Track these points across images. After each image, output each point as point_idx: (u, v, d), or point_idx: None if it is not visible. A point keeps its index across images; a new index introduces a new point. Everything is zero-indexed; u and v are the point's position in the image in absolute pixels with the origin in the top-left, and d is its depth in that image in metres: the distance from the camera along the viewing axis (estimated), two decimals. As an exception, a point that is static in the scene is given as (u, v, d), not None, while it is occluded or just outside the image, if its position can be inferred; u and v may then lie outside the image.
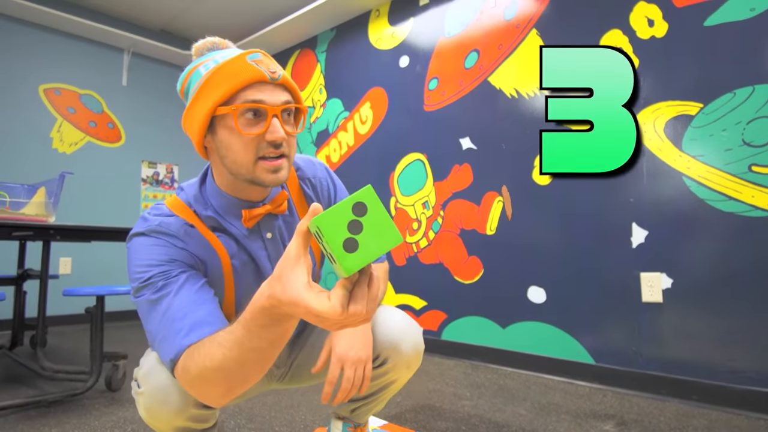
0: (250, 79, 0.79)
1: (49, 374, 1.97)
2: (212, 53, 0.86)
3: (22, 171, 3.31)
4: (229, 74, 0.79)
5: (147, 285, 0.79)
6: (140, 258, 0.82)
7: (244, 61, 0.80)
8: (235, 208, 0.89)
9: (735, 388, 1.77)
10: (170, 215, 0.86)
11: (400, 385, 1.09)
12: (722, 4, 1.89)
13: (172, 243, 0.83)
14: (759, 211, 1.77)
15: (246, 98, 0.79)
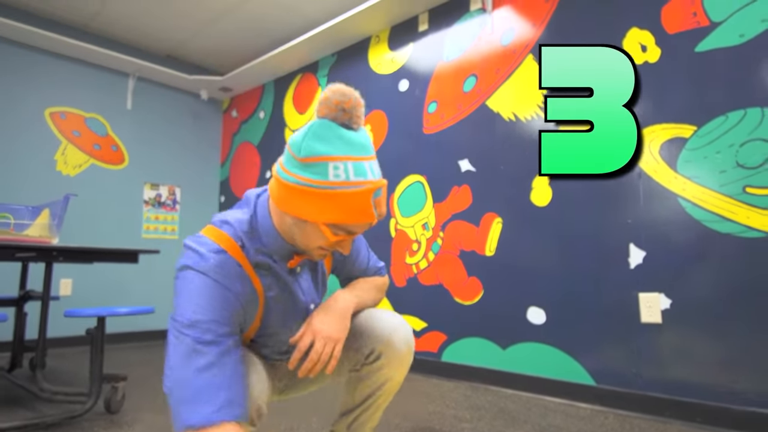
0: (364, 220, 0.86)
1: (47, 396, 1.96)
2: (348, 140, 0.84)
3: (27, 193, 3.35)
4: (352, 211, 0.84)
5: (193, 327, 0.81)
6: (194, 297, 0.83)
7: (368, 202, 0.84)
8: (287, 252, 0.96)
9: (736, 409, 1.76)
10: (220, 251, 0.88)
11: (393, 387, 1.11)
12: (713, 30, 1.95)
13: (227, 288, 0.85)
14: (754, 232, 1.79)
15: (348, 228, 0.87)
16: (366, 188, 0.83)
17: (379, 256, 2.99)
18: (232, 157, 4.41)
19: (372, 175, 0.85)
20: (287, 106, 3.93)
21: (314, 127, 0.85)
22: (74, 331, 3.40)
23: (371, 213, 0.85)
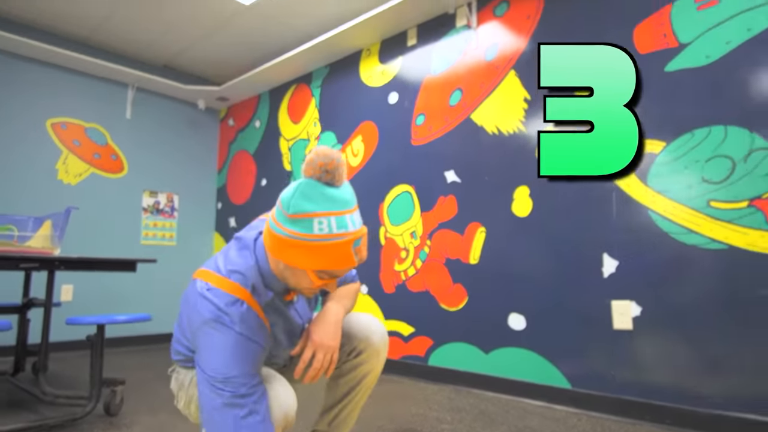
0: (344, 265, 0.96)
1: (50, 399, 2.07)
2: (331, 197, 0.94)
3: (29, 202, 3.46)
4: (334, 259, 0.95)
5: (228, 383, 0.92)
6: (224, 354, 0.94)
7: (349, 251, 0.95)
8: (283, 289, 1.09)
9: (702, 412, 1.86)
10: (238, 302, 0.97)
11: (371, 381, 1.23)
12: (681, 51, 2.05)
13: (253, 341, 0.97)
14: (717, 244, 1.89)
15: (331, 273, 0.98)
16: (347, 239, 0.93)
17: (369, 264, 3.10)
18: (229, 164, 4.52)
19: (353, 227, 0.94)
20: (282, 116, 4.03)
21: (301, 187, 0.95)
22: (75, 336, 3.51)
23: (352, 259, 0.96)
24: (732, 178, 1.88)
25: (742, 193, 1.86)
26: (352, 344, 1.21)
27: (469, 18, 2.78)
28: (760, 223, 1.81)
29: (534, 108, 2.47)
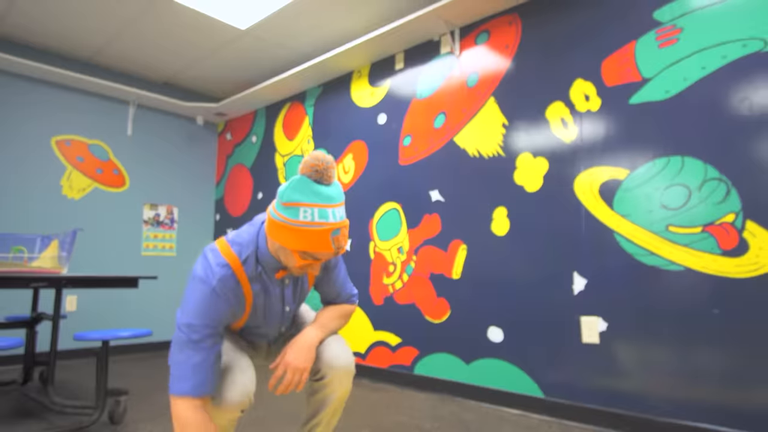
0: (323, 249, 1.14)
1: (58, 409, 2.22)
2: (316, 194, 1.11)
3: (35, 216, 3.62)
4: (314, 243, 1.12)
5: (188, 327, 1.14)
6: (196, 304, 1.15)
7: (327, 238, 1.12)
8: (275, 267, 1.25)
9: (657, 420, 2.02)
10: (225, 266, 1.18)
11: (337, 402, 1.36)
12: (644, 85, 2.21)
13: (222, 299, 1.17)
14: (675, 266, 2.05)
15: (313, 255, 1.15)
16: (325, 228, 1.12)
17: (359, 276, 3.27)
18: (227, 177, 4.68)
19: (333, 218, 1.12)
20: (277, 132, 4.19)
21: (294, 181, 1.13)
22: (79, 345, 3.68)
23: (329, 246, 1.13)
24: (688, 205, 2.04)
25: (697, 219, 2.01)
26: (317, 367, 1.34)
27: (453, 45, 2.94)
28: (713, 248, 1.97)
29: (511, 133, 2.63)
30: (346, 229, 1.17)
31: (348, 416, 2.34)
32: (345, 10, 3.14)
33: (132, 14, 3.24)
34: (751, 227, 1.89)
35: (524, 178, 2.56)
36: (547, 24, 2.57)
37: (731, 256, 1.93)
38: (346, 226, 1.17)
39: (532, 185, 2.53)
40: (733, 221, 1.93)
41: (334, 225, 1.12)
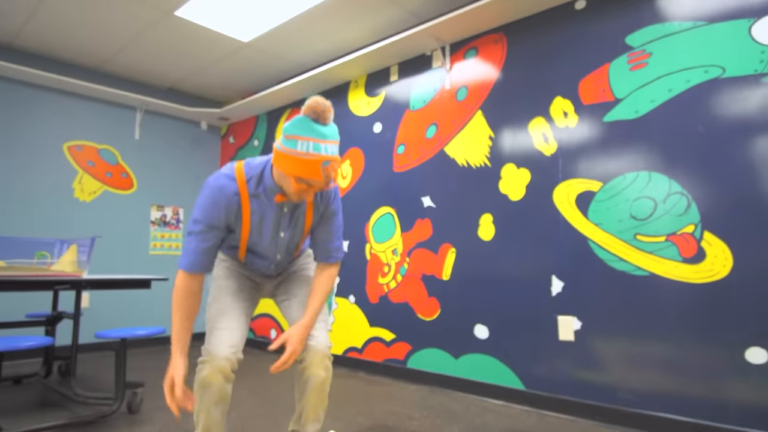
0: (313, 177, 1.35)
1: (81, 399, 2.45)
2: (314, 131, 1.33)
3: (49, 218, 3.82)
4: (308, 170, 1.34)
5: (195, 222, 1.45)
6: (201, 203, 1.44)
7: (318, 167, 1.34)
8: (276, 191, 1.48)
9: (625, 410, 2.24)
10: (230, 178, 1.45)
11: (318, 384, 1.55)
12: (616, 105, 2.41)
13: (219, 204, 1.43)
14: (642, 271, 2.26)
15: (307, 181, 1.37)
16: (317, 159, 1.32)
17: (356, 277, 3.46)
18: (230, 178, 4.87)
19: (325, 152, 1.33)
20: (278, 136, 4.39)
21: (296, 119, 1.35)
22: (93, 339, 3.90)
23: (320, 174, 1.34)
24: (654, 216, 2.25)
25: (661, 229, 2.22)
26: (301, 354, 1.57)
27: (443, 60, 3.13)
28: (674, 255, 2.18)
29: (497, 145, 2.83)
30: (336, 164, 1.38)
31: (345, 406, 2.56)
32: (340, 24, 3.32)
33: (139, 28, 3.42)
34: (708, 237, 2.10)
35: (508, 188, 2.76)
36: (530, 43, 2.76)
37: (691, 263, 2.14)
38: (336, 161, 1.37)
39: (516, 194, 2.73)
40: (693, 232, 2.13)
41: (325, 157, 1.33)
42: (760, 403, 1.92)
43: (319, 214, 1.60)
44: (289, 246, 1.62)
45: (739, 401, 1.97)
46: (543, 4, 2.67)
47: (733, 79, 2.08)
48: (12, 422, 2.21)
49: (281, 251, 1.61)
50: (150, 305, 4.31)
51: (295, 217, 1.57)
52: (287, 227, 1.56)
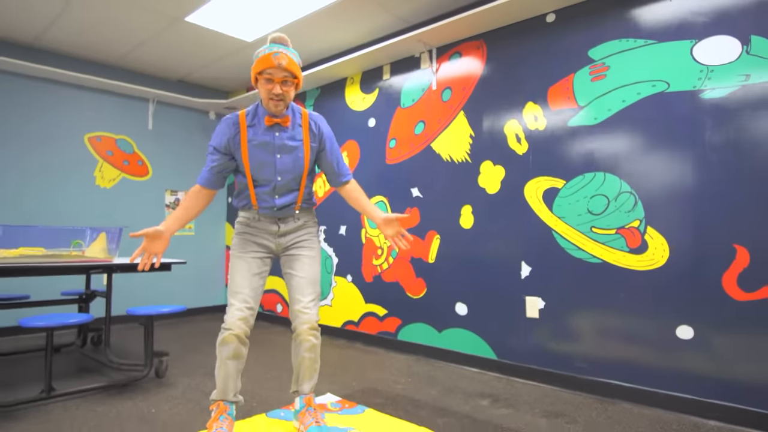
0: (269, 65, 1.79)
1: (116, 366, 2.87)
2: (271, 46, 1.82)
3: (73, 205, 4.20)
4: (263, 61, 1.79)
5: (210, 147, 1.94)
6: (214, 133, 1.94)
7: (271, 57, 1.78)
8: (265, 114, 1.90)
9: (579, 377, 2.63)
10: (235, 115, 1.92)
11: (309, 350, 1.95)
12: (579, 111, 2.71)
13: (223, 130, 1.91)
14: (595, 259, 2.61)
15: (266, 73, 1.81)
16: (269, 52, 1.79)
17: (353, 259, 3.84)
18: (237, 163, 5.21)
19: (274, 49, 1.79)
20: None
21: (262, 47, 1.85)
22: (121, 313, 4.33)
23: (272, 62, 1.77)
24: (607, 211, 2.58)
25: (613, 223, 2.56)
26: (293, 325, 1.97)
27: (430, 63, 3.41)
28: (622, 246, 2.52)
29: (477, 143, 3.15)
30: (285, 56, 1.79)
31: (341, 372, 2.97)
32: (337, 26, 3.59)
33: (153, 31, 3.71)
34: (650, 231, 2.44)
35: (486, 182, 3.10)
36: (506, 51, 3.04)
37: (635, 254, 2.48)
38: (284, 54, 1.79)
39: (492, 188, 3.06)
40: (638, 226, 2.47)
41: (274, 50, 1.79)
42: (687, 371, 2.30)
43: (317, 140, 1.98)
44: (290, 172, 1.94)
45: (670, 370, 2.35)
46: (518, 16, 2.94)
47: (675, 93, 2.38)
48: (60, 385, 2.64)
49: (281, 174, 1.92)
50: (167, 280, 4.73)
51: (290, 147, 1.92)
52: (282, 152, 1.91)
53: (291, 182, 1.95)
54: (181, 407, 2.35)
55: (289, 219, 2.01)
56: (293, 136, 1.92)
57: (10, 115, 3.95)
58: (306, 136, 1.94)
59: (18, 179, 3.97)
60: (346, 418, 2.19)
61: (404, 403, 2.43)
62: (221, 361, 1.87)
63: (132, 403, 2.42)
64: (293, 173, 1.94)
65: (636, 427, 2.14)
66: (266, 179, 1.92)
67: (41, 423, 2.13)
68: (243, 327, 1.85)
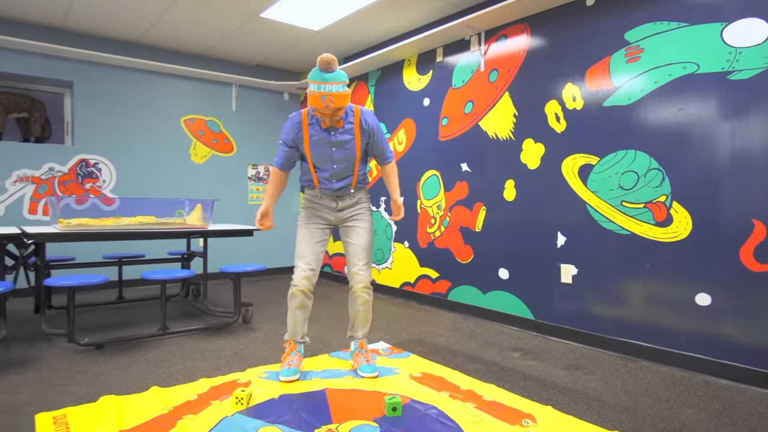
0: (318, 107, 2.13)
1: (212, 313, 3.54)
2: (321, 77, 2.08)
3: (173, 178, 4.94)
4: (313, 101, 2.11)
5: (280, 141, 2.41)
6: (283, 130, 2.39)
7: (318, 99, 2.10)
8: (320, 120, 2.29)
9: (605, 337, 2.90)
10: (299, 114, 2.33)
11: (363, 305, 2.42)
12: (614, 93, 2.87)
13: (289, 128, 2.34)
14: (624, 231, 2.83)
15: (317, 111, 2.18)
16: (317, 94, 2.09)
17: (410, 227, 4.28)
18: (309, 139, 5.75)
19: (323, 90, 2.07)
20: (347, 104, 5.13)
21: (313, 70, 2.15)
22: (215, 270, 5.09)
23: (320, 104, 2.11)
24: (636, 187, 2.77)
25: (641, 198, 2.75)
26: (350, 284, 2.43)
27: (479, 45, 3.65)
28: (649, 219, 2.72)
29: (520, 122, 3.39)
30: (332, 96, 2.08)
31: (394, 325, 3.44)
32: (394, 13, 3.91)
33: (234, 26, 4.24)
34: (675, 206, 2.62)
35: (527, 158, 3.35)
36: (548, 34, 3.21)
37: (661, 227, 2.68)
38: (332, 94, 2.08)
39: (533, 164, 3.31)
40: (665, 201, 2.66)
41: (322, 93, 2.08)
42: (704, 334, 2.51)
43: (367, 134, 2.37)
44: (344, 161, 2.35)
45: (689, 332, 2.57)
46: (560, 0, 3.09)
47: (705, 74, 2.50)
48: (171, 325, 3.33)
49: (337, 162, 2.34)
50: (249, 243, 5.43)
51: (343, 141, 2.31)
52: (337, 147, 2.32)
53: (345, 169, 2.38)
54: (262, 345, 2.93)
55: (346, 197, 2.44)
56: (346, 133, 2.33)
57: (120, 104, 4.70)
58: (357, 132, 2.34)
59: (131, 159, 4.75)
60: (393, 360, 2.65)
61: (444, 352, 2.85)
62: (291, 311, 2.38)
63: (226, 341, 3.04)
64: (347, 162, 2.36)
65: (648, 381, 2.42)
66: (325, 167, 2.36)
67: (160, 352, 2.79)
68: (306, 284, 2.33)
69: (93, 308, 3.94)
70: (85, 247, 4.41)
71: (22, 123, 4.48)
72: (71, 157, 4.49)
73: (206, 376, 2.36)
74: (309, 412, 1.92)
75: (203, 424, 1.80)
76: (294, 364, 2.35)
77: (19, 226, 3.63)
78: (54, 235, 2.78)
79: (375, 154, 2.48)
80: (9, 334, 3.06)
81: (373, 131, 2.40)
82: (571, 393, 2.22)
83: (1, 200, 4.19)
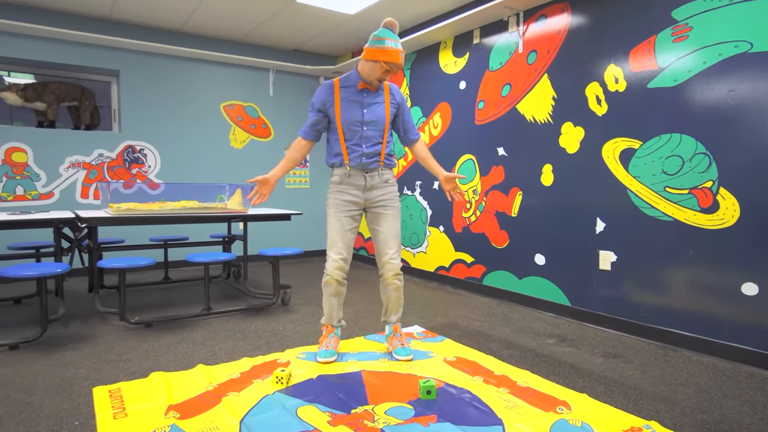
0: (395, 62, 2.24)
1: (252, 294, 3.66)
2: (393, 36, 2.22)
3: (214, 162, 5.08)
4: (392, 56, 2.22)
5: (310, 106, 2.43)
6: (315, 94, 2.42)
7: (398, 54, 2.23)
8: (359, 80, 2.34)
9: (644, 325, 2.85)
10: (332, 80, 2.39)
11: (394, 291, 2.45)
12: (659, 74, 2.77)
13: (322, 92, 2.38)
14: (667, 217, 2.75)
15: (390, 65, 2.25)
16: (398, 50, 2.23)
17: (445, 211, 4.29)
18: (345, 123, 5.79)
19: (400, 47, 2.24)
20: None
21: (382, 29, 2.26)
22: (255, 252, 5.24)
23: (400, 59, 2.23)
24: (681, 172, 2.68)
25: (686, 183, 2.66)
26: (381, 271, 2.46)
27: (517, 26, 3.56)
28: (694, 206, 2.63)
29: (559, 105, 3.31)
30: (403, 56, 2.25)
31: (429, 309, 3.48)
32: (431, -3, 3.86)
33: (271, 11, 4.28)
34: (722, 192, 2.52)
35: (566, 142, 3.28)
36: (589, 13, 3.11)
37: (706, 213, 2.59)
38: (403, 54, 2.26)
39: (572, 148, 3.24)
40: (711, 187, 2.56)
41: (402, 50, 2.25)
42: (750, 325, 2.43)
43: (395, 105, 2.43)
44: (374, 123, 2.35)
45: (734, 322, 2.49)
46: (603, -22, 2.98)
47: (759, 54, 2.37)
48: (214, 305, 3.47)
49: (366, 124, 2.34)
50: (287, 227, 5.56)
51: (375, 105, 2.36)
52: (368, 107, 2.34)
53: (375, 133, 2.36)
54: (300, 327, 3.02)
55: (374, 173, 2.41)
56: (378, 97, 2.37)
57: (164, 91, 4.85)
58: (387, 98, 2.40)
59: (173, 145, 4.91)
60: (427, 344, 2.70)
61: (478, 337, 2.87)
62: (326, 297, 2.43)
63: (265, 322, 3.15)
64: (376, 126, 2.36)
65: (689, 371, 2.37)
66: (355, 129, 2.34)
67: (205, 331, 2.93)
68: (339, 273, 2.37)
69: (141, 288, 4.15)
70: (134, 229, 4.62)
71: (73, 111, 4.70)
72: (119, 143, 4.68)
73: (248, 356, 2.47)
74: (346, 393, 1.99)
75: (246, 402, 1.89)
76: (331, 346, 2.42)
77: (73, 210, 3.84)
78: (106, 219, 2.93)
79: (403, 129, 2.51)
80: (66, 312, 3.26)
81: (401, 104, 2.49)
82: (607, 381, 2.21)
83: (55, 185, 4.43)
